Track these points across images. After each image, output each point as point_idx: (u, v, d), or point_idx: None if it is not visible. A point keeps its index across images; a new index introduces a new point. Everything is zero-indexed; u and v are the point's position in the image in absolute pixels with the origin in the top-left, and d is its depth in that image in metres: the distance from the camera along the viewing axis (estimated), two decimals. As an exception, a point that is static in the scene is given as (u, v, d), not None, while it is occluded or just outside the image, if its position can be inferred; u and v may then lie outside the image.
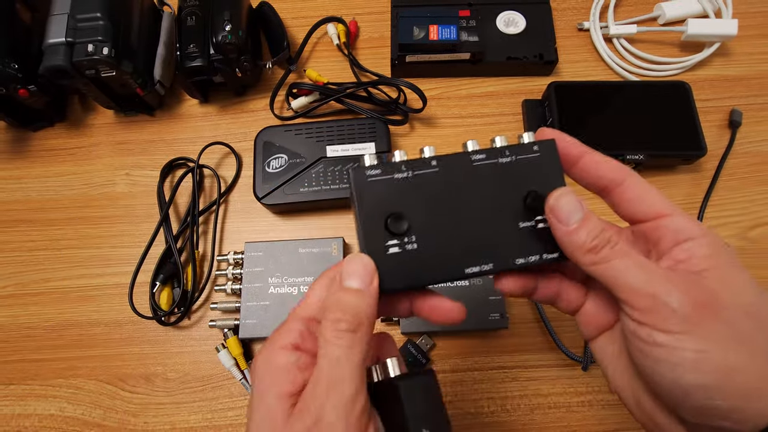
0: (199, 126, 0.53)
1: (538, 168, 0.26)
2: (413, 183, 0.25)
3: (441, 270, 0.24)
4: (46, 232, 0.50)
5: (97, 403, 0.44)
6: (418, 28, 0.50)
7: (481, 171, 0.25)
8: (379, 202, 0.24)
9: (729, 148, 0.50)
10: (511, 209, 0.25)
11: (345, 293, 0.22)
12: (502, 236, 0.25)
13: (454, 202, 0.25)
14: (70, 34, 0.44)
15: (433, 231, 0.24)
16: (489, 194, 0.25)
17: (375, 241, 0.24)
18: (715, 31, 0.52)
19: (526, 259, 0.25)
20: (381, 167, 0.24)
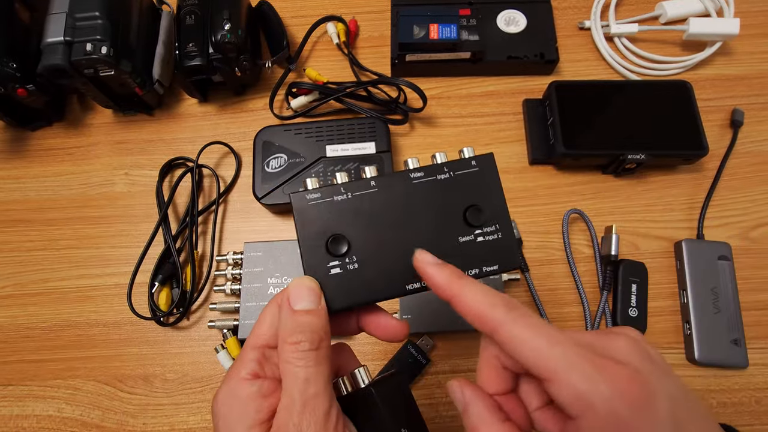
0: (198, 125, 0.53)
1: (478, 182, 0.26)
2: (353, 204, 0.25)
3: (382, 288, 0.25)
4: (44, 232, 0.50)
5: (95, 404, 0.44)
6: (418, 27, 0.50)
7: (421, 188, 0.26)
8: (320, 224, 0.25)
9: (730, 148, 0.49)
10: (452, 224, 0.26)
11: (298, 315, 0.23)
12: (443, 251, 0.25)
13: (394, 220, 0.25)
14: (68, 33, 0.44)
15: (374, 250, 0.25)
16: (429, 211, 0.26)
17: (316, 262, 0.25)
18: (716, 30, 0.52)
19: (467, 272, 0.25)
20: (320, 191, 0.25)
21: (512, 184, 0.50)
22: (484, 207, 0.26)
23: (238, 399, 0.22)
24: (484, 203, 0.26)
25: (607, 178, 0.49)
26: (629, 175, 0.49)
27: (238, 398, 0.22)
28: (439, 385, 0.43)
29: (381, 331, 0.26)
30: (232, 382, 0.23)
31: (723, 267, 0.45)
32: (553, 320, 0.44)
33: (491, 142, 0.51)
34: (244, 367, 0.23)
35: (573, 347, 0.19)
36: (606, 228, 0.47)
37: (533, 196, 0.49)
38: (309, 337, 0.22)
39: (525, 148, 0.51)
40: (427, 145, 0.51)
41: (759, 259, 0.46)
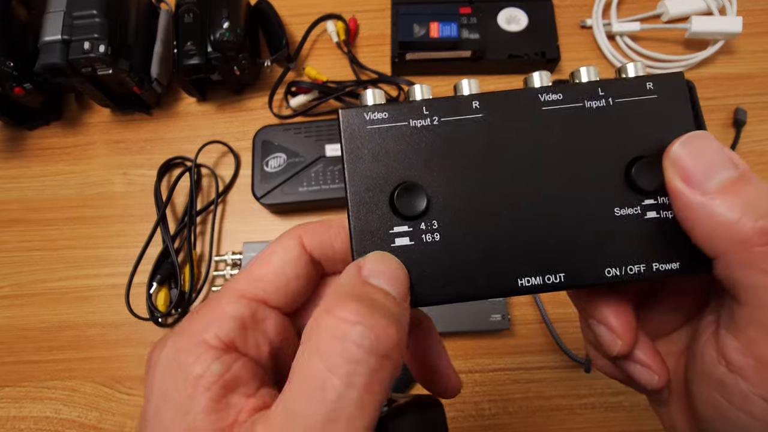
0: (196, 124, 0.53)
1: (653, 119, 0.16)
2: (441, 137, 0.16)
3: (478, 279, 0.16)
4: (42, 232, 0.49)
5: (93, 406, 0.44)
6: (418, 25, 0.50)
7: (556, 120, 0.16)
8: (384, 163, 0.16)
9: (733, 147, 0.49)
10: (604, 186, 0.16)
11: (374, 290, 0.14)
12: (585, 231, 0.16)
13: (506, 172, 0.16)
14: (66, 32, 0.44)
15: (468, 216, 0.16)
16: (566, 160, 0.16)
17: (373, 225, 0.16)
18: (719, 28, 0.51)
19: (623, 269, 0.16)
20: (389, 109, 0.17)
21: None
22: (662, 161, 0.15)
23: (183, 375, 0.13)
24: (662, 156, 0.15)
25: (609, 177, 0.49)
26: (631, 175, 0.49)
27: (185, 375, 0.13)
28: (439, 387, 0.43)
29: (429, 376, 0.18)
30: (184, 342, 0.14)
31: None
32: (554, 321, 0.43)
33: (492, 142, 0.51)
34: (214, 325, 0.14)
35: None
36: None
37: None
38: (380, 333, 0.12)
39: (526, 147, 0.51)
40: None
41: (762, 260, 0.46)
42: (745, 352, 0.14)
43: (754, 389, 0.14)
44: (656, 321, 0.19)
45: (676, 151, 0.15)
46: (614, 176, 0.16)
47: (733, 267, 0.14)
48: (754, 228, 0.13)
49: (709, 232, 0.14)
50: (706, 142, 0.14)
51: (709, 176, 0.14)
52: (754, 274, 0.13)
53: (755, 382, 0.14)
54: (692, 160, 0.14)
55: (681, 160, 0.14)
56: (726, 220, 0.13)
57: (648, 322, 0.19)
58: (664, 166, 0.15)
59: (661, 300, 0.19)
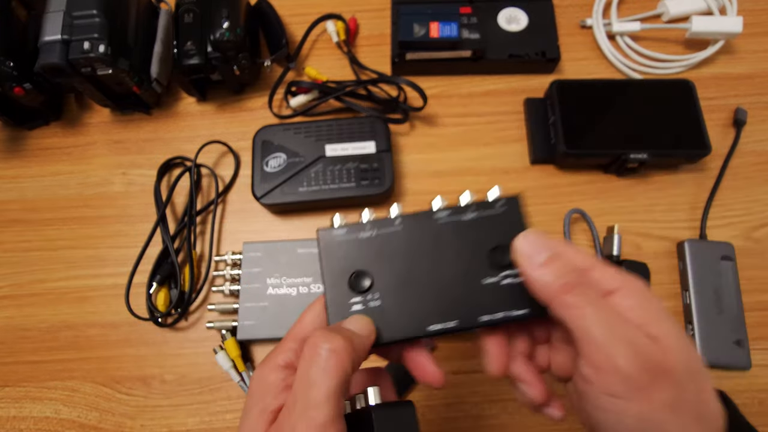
0: (196, 124, 0.53)
1: (503, 224, 0.26)
2: (378, 242, 0.26)
3: (404, 327, 0.25)
4: (41, 232, 0.49)
5: (93, 406, 0.44)
6: (418, 25, 0.50)
7: (446, 228, 0.26)
8: (345, 260, 0.25)
9: (733, 147, 0.49)
10: (477, 266, 0.25)
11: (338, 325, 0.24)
12: (467, 293, 0.25)
13: (418, 260, 0.25)
14: (66, 32, 0.44)
15: (397, 288, 0.25)
16: (453, 251, 0.26)
17: (339, 299, 0.25)
18: (719, 28, 0.51)
19: (492, 315, 0.25)
20: (347, 227, 0.26)
21: (513, 183, 0.49)
22: (509, 248, 0.25)
23: (264, 382, 0.23)
24: (509, 244, 0.25)
25: (609, 177, 0.49)
26: (631, 175, 0.49)
27: (265, 382, 0.23)
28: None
29: (419, 371, 0.25)
30: (266, 365, 0.24)
31: (726, 267, 0.44)
32: (554, 321, 0.43)
33: (492, 142, 0.51)
34: (281, 354, 0.24)
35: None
36: (608, 228, 0.46)
37: (534, 195, 0.49)
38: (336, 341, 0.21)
39: (526, 147, 0.50)
40: (428, 144, 0.51)
41: (762, 260, 0.46)
42: (586, 365, 0.21)
43: (599, 389, 0.21)
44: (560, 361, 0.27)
45: (516, 243, 0.24)
46: (482, 259, 0.25)
47: (556, 310, 0.22)
48: (559, 284, 0.22)
49: (539, 289, 0.23)
50: (535, 236, 0.24)
51: (536, 257, 0.23)
52: (568, 310, 0.22)
53: (598, 383, 0.21)
54: (527, 247, 0.23)
55: (521, 247, 0.24)
56: (546, 282, 0.23)
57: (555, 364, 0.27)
58: (512, 250, 0.24)
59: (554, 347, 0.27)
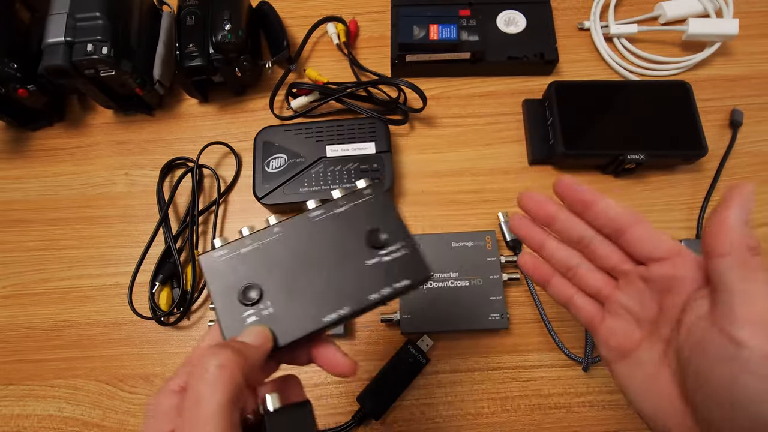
0: (198, 126, 0.53)
1: (375, 208, 0.28)
2: (261, 253, 0.26)
3: (300, 326, 0.25)
4: (45, 232, 0.50)
5: (96, 404, 0.44)
6: (418, 27, 0.50)
7: (322, 224, 0.27)
8: (231, 278, 0.26)
9: (730, 148, 0.49)
10: (357, 251, 0.27)
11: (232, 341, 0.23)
12: (352, 279, 0.26)
13: (302, 260, 0.26)
14: (69, 34, 0.44)
15: (287, 292, 0.26)
16: (333, 243, 0.27)
17: (232, 316, 0.25)
18: (716, 30, 0.52)
19: (379, 293, 0.26)
20: (227, 247, 0.27)
21: (512, 184, 0.50)
22: (384, 229, 0.27)
23: (157, 409, 0.22)
24: (383, 226, 0.27)
25: (607, 178, 0.50)
26: (629, 175, 0.49)
27: (158, 408, 0.22)
28: (439, 385, 0.43)
29: (329, 365, 0.26)
30: (160, 392, 0.23)
31: (722, 267, 0.45)
32: (553, 320, 0.44)
33: (491, 143, 0.51)
34: (175, 378, 0.23)
35: None
36: (605, 228, 0.47)
37: (533, 196, 0.49)
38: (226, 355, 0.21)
39: (525, 148, 0.51)
40: (427, 145, 0.51)
41: (758, 259, 0.46)
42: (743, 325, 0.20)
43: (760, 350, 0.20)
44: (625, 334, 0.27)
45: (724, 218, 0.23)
46: (361, 244, 0.27)
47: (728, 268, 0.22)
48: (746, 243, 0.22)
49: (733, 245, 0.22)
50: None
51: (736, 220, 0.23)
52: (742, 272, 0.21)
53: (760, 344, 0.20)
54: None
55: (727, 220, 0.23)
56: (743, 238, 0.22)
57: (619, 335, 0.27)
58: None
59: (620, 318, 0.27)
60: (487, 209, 0.49)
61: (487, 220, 0.48)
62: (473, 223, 0.48)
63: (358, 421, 0.41)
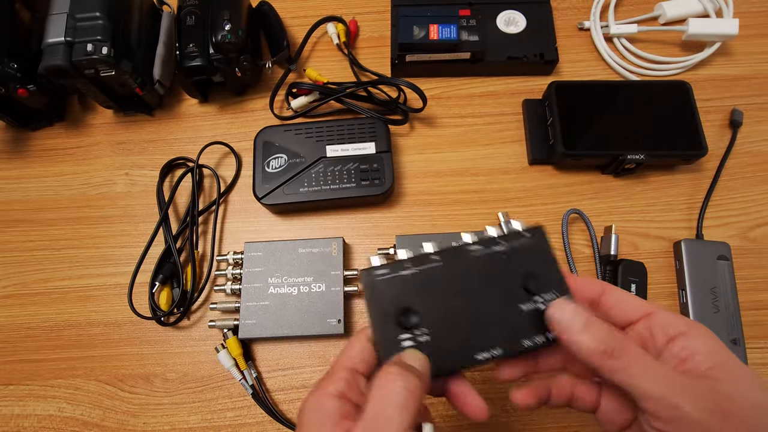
0: (198, 126, 0.53)
1: (531, 251, 0.27)
2: (419, 278, 0.26)
3: (453, 359, 0.25)
4: (45, 232, 0.50)
5: (96, 404, 0.44)
6: (418, 27, 0.50)
7: (480, 261, 0.27)
8: (389, 299, 0.26)
9: (730, 148, 0.49)
10: (512, 293, 0.26)
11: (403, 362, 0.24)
12: (506, 321, 0.26)
13: (459, 292, 0.26)
14: (69, 34, 0.44)
15: (443, 322, 0.26)
16: (490, 282, 0.27)
17: (388, 336, 0.25)
18: (716, 30, 0.52)
19: (533, 340, 0.26)
20: (388, 267, 0.27)
21: (512, 184, 0.50)
22: (540, 275, 0.27)
23: (322, 411, 0.23)
24: (539, 271, 0.27)
25: (607, 178, 0.50)
26: (629, 175, 0.49)
27: (323, 410, 0.23)
28: (439, 385, 0.43)
29: (461, 404, 0.26)
30: (320, 394, 0.24)
31: (722, 267, 0.45)
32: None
33: (491, 142, 0.51)
34: (333, 383, 0.24)
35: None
36: (605, 228, 0.47)
37: (533, 196, 0.49)
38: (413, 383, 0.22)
39: (525, 148, 0.51)
40: (427, 145, 0.51)
41: (758, 259, 0.46)
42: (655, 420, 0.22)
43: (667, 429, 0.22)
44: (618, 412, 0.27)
45: (549, 314, 0.25)
46: (516, 287, 0.27)
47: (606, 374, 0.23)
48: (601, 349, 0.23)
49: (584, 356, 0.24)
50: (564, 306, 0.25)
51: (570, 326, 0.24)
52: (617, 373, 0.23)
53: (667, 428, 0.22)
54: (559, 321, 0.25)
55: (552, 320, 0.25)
56: (588, 347, 0.23)
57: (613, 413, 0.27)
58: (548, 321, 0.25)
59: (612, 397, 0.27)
60: (487, 209, 0.49)
61: (486, 220, 0.48)
62: (473, 222, 0.48)
63: (358, 421, 0.41)
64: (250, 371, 0.44)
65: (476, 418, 0.25)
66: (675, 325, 0.24)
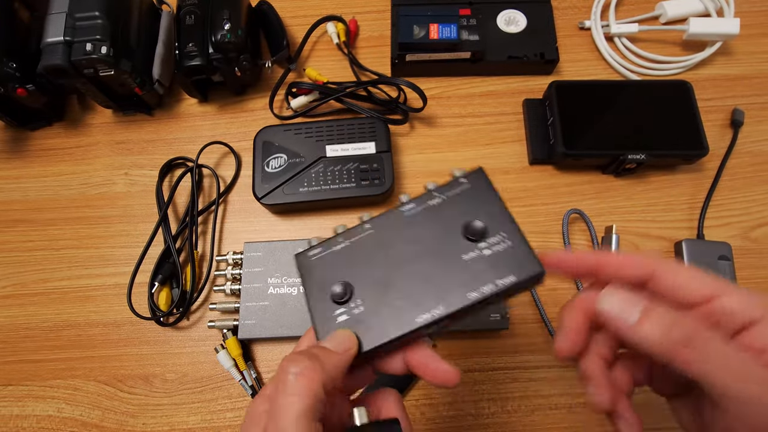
0: (198, 125, 0.53)
1: (473, 198, 0.26)
2: (353, 250, 0.26)
3: (390, 328, 0.24)
4: (44, 232, 0.50)
5: (95, 404, 0.44)
6: (418, 26, 0.50)
7: (415, 219, 0.26)
8: (323, 276, 0.26)
9: (731, 148, 0.49)
10: (454, 245, 0.25)
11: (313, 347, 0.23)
12: (449, 276, 0.24)
13: (395, 256, 0.25)
14: (68, 33, 0.44)
15: (379, 289, 0.25)
16: (427, 238, 0.25)
17: (323, 315, 0.25)
18: (716, 30, 0.52)
19: (480, 291, 0.23)
20: (321, 246, 0.26)
21: (512, 184, 0.50)
22: (484, 220, 0.24)
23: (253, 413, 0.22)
24: (483, 216, 0.25)
25: (607, 177, 0.49)
26: (629, 175, 0.49)
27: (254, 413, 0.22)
28: (439, 385, 0.43)
29: (426, 373, 0.24)
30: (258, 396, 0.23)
31: (723, 267, 0.45)
32: (553, 320, 0.44)
33: (491, 142, 0.51)
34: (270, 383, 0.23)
35: None
36: (606, 228, 0.47)
37: (533, 196, 0.49)
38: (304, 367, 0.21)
39: (525, 147, 0.51)
40: (427, 144, 0.51)
41: (759, 259, 0.46)
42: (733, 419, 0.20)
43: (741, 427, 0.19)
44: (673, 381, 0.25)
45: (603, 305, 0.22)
46: (457, 237, 0.25)
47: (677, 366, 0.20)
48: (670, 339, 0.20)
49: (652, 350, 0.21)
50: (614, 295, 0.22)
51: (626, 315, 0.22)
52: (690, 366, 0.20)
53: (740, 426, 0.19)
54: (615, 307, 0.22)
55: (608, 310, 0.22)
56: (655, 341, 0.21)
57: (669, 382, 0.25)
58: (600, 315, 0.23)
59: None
60: (487, 209, 0.49)
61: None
62: (473, 223, 0.48)
63: (357, 421, 0.41)
64: (249, 372, 0.43)
65: (446, 383, 0.23)
66: (749, 310, 0.21)
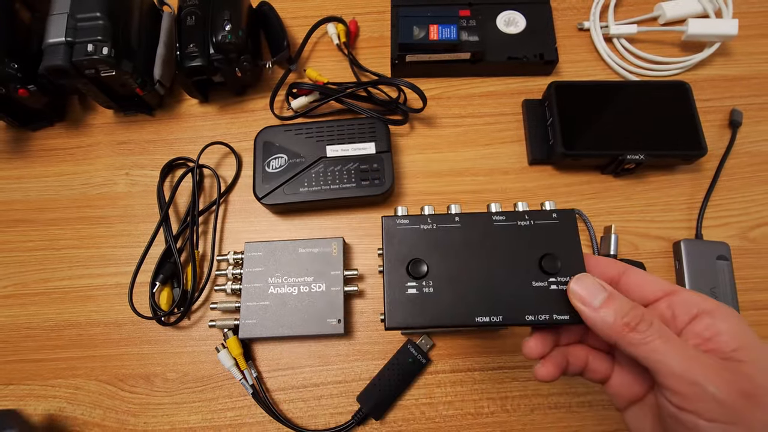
0: (198, 126, 0.53)
1: (556, 234, 0.28)
2: (437, 234, 0.28)
3: (453, 315, 0.26)
4: (45, 232, 0.50)
5: (96, 404, 0.44)
6: (418, 27, 0.50)
7: (501, 230, 0.28)
8: (405, 247, 0.28)
9: (729, 148, 0.50)
10: (527, 269, 0.27)
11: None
12: (515, 293, 0.27)
13: (472, 256, 0.27)
14: (69, 34, 0.44)
15: (450, 279, 0.27)
16: (506, 253, 0.27)
17: (396, 280, 0.27)
18: (715, 30, 0.52)
19: (536, 317, 0.26)
20: (409, 217, 0.28)
21: (511, 184, 0.50)
22: (560, 257, 0.27)
23: None
24: (560, 254, 0.27)
25: (606, 178, 0.50)
26: (628, 175, 0.49)
27: None
28: (439, 385, 0.43)
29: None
30: None
31: (722, 267, 0.45)
32: (552, 320, 0.44)
33: (491, 143, 0.51)
34: None
35: None
36: (605, 228, 0.47)
37: (532, 196, 0.49)
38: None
39: (524, 148, 0.51)
40: (427, 145, 0.51)
41: (758, 259, 0.46)
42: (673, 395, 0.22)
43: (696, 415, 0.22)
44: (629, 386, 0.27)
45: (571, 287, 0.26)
46: (532, 263, 0.27)
47: (625, 347, 0.23)
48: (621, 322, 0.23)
49: (603, 330, 0.24)
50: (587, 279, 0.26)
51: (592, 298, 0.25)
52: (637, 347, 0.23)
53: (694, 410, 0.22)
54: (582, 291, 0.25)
55: (574, 292, 0.26)
56: (608, 323, 0.24)
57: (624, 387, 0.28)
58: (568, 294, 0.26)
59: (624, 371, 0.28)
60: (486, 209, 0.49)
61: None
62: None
63: (358, 420, 0.41)
64: (250, 371, 0.44)
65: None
66: (699, 304, 0.24)
